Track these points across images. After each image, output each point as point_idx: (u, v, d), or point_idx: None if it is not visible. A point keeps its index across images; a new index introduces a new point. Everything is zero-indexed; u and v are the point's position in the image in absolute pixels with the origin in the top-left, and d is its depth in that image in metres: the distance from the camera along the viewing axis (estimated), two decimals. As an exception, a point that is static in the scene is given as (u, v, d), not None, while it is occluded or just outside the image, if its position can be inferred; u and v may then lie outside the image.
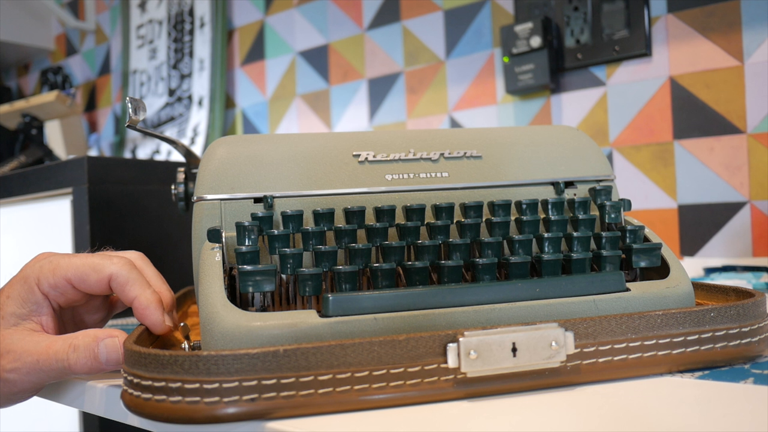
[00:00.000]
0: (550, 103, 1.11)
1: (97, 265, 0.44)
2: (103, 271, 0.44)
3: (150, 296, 0.43)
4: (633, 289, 0.41)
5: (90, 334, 0.42)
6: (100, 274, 0.44)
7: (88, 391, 0.44)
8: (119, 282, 0.44)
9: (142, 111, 0.50)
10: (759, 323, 0.39)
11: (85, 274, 0.44)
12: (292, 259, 0.41)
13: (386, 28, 1.34)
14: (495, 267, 0.42)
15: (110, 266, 0.44)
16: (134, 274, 0.44)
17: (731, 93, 0.94)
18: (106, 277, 0.44)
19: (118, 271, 0.44)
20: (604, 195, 0.50)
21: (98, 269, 0.44)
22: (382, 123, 1.34)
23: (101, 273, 0.44)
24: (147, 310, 0.43)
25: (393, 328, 0.37)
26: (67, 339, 0.42)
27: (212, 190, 0.46)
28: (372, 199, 0.48)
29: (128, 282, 0.44)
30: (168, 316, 0.44)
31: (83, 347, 0.41)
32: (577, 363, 0.36)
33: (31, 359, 0.41)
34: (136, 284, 0.44)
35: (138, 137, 1.82)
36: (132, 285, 0.44)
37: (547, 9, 1.10)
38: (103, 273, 0.44)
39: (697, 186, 0.97)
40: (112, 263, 0.44)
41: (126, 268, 0.44)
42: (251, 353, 0.33)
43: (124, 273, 0.44)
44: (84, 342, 0.42)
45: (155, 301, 0.43)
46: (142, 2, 1.86)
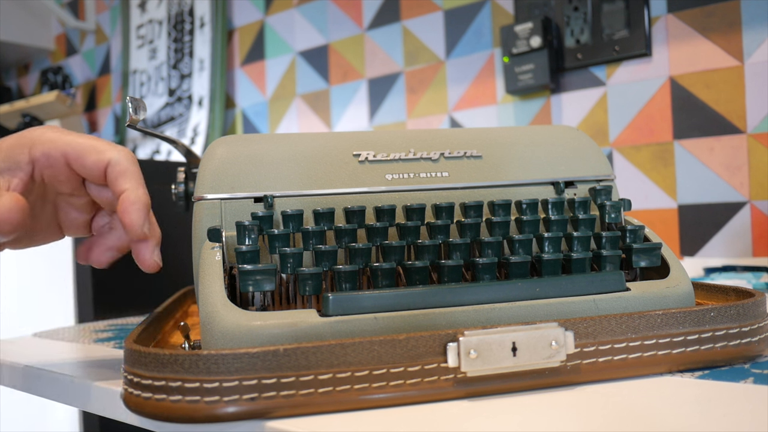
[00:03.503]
0: (550, 103, 1.11)
1: (98, 146, 0.42)
2: (104, 153, 0.41)
3: (142, 195, 0.41)
4: (633, 289, 0.41)
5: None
6: (100, 155, 0.41)
7: (88, 391, 0.44)
8: (117, 170, 0.41)
9: (143, 111, 0.50)
10: (759, 323, 0.39)
11: (85, 152, 0.41)
12: (292, 258, 0.41)
13: (386, 28, 1.34)
14: (495, 267, 0.42)
15: (112, 151, 0.42)
16: (133, 167, 0.42)
17: (731, 93, 0.94)
18: (105, 159, 0.41)
19: (119, 157, 0.41)
20: (604, 195, 0.50)
21: (99, 150, 0.42)
22: (382, 123, 1.34)
23: (101, 155, 0.41)
24: (133, 206, 0.40)
25: (393, 328, 0.37)
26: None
27: (212, 190, 0.46)
28: (372, 198, 0.48)
29: (126, 172, 0.41)
30: (151, 229, 0.42)
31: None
32: (577, 362, 0.36)
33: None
34: (133, 178, 0.41)
35: (138, 137, 1.82)
36: (129, 177, 0.41)
37: (547, 9, 1.10)
38: (103, 155, 0.41)
39: (697, 186, 0.97)
40: (115, 149, 0.42)
41: (128, 159, 0.42)
42: (251, 352, 0.33)
43: (125, 162, 0.41)
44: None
45: (144, 201, 0.41)
46: (142, 2, 1.86)
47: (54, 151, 0.42)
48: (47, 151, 0.42)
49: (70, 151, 0.42)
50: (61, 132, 0.42)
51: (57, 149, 0.42)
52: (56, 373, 0.46)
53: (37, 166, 0.42)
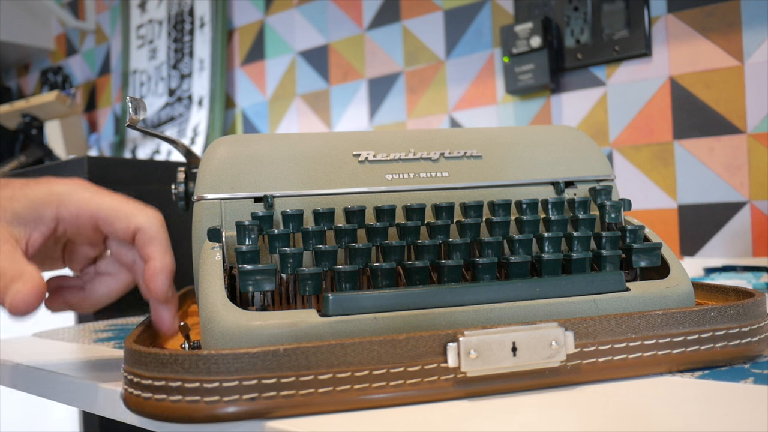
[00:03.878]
0: (550, 103, 1.11)
1: (128, 211, 0.42)
2: (134, 219, 0.42)
3: (168, 263, 0.41)
4: (633, 289, 0.41)
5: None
6: (130, 221, 0.42)
7: (88, 391, 0.44)
8: (146, 237, 0.41)
9: (143, 110, 0.50)
10: (759, 323, 0.39)
11: (115, 217, 0.42)
12: (292, 258, 0.41)
13: (386, 28, 1.34)
14: (495, 267, 0.42)
15: (141, 216, 0.42)
16: (162, 233, 0.42)
17: (731, 93, 0.94)
18: (134, 226, 0.42)
19: (150, 225, 0.42)
20: (604, 195, 0.50)
21: (129, 216, 0.42)
22: (382, 123, 1.34)
23: (131, 221, 0.42)
24: (160, 275, 0.41)
25: (393, 328, 0.37)
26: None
27: (212, 190, 0.46)
28: (372, 198, 0.48)
29: (155, 240, 0.41)
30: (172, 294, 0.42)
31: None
32: (577, 362, 0.36)
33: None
34: (161, 245, 0.42)
35: (138, 137, 1.82)
36: (158, 244, 0.41)
37: (547, 9, 1.10)
38: (133, 221, 0.42)
39: (697, 186, 0.97)
40: (145, 215, 0.42)
41: (157, 225, 0.42)
42: (251, 352, 0.33)
43: (155, 229, 0.42)
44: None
45: (170, 269, 0.41)
46: (142, 2, 1.86)
47: (83, 214, 0.42)
48: (75, 213, 0.42)
49: (100, 215, 0.42)
50: (91, 192, 0.43)
51: (86, 212, 0.42)
52: (56, 373, 0.46)
53: (62, 224, 0.42)
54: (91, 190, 0.43)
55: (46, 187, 0.42)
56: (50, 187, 0.42)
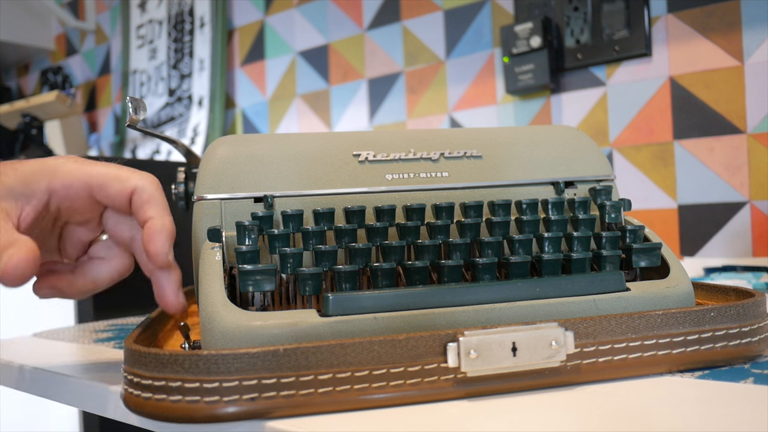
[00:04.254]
0: (550, 103, 1.11)
1: (121, 175, 0.40)
2: (128, 181, 0.40)
3: (168, 223, 0.40)
4: (633, 289, 0.41)
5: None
6: (124, 183, 0.40)
7: (88, 391, 0.44)
8: (143, 197, 0.40)
9: (143, 110, 0.50)
10: (759, 323, 0.39)
11: (108, 181, 0.40)
12: (292, 258, 0.41)
13: (386, 28, 1.34)
14: (495, 267, 0.42)
15: (137, 179, 0.41)
16: (159, 194, 0.41)
17: (731, 93, 0.94)
18: (129, 187, 0.40)
19: (144, 184, 0.40)
20: (604, 195, 0.50)
21: (122, 178, 0.40)
22: (382, 123, 1.34)
23: (125, 183, 0.40)
24: (158, 235, 0.39)
25: (393, 328, 0.37)
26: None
27: (212, 190, 0.46)
28: (372, 198, 0.48)
29: (152, 200, 0.40)
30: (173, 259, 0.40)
31: None
32: (577, 362, 0.36)
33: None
34: (159, 205, 0.40)
35: (138, 137, 1.82)
36: (155, 204, 0.40)
37: (547, 9, 1.10)
38: (127, 183, 0.40)
39: (697, 186, 0.97)
40: (139, 176, 0.41)
41: (152, 185, 0.41)
42: (251, 352, 0.33)
43: (150, 189, 0.40)
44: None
45: (170, 229, 0.40)
46: (142, 2, 1.86)
47: (76, 183, 0.41)
48: (68, 183, 0.40)
49: (93, 182, 0.41)
50: (82, 162, 0.41)
51: (79, 180, 0.41)
52: (56, 373, 0.46)
53: (55, 197, 0.41)
54: (81, 161, 0.41)
55: (37, 161, 0.41)
56: (43, 160, 0.41)
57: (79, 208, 0.42)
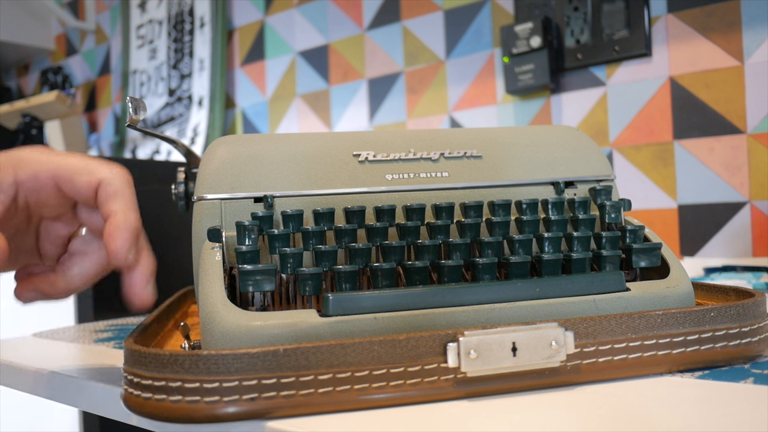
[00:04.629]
0: (550, 103, 1.11)
1: (89, 166, 0.39)
2: (95, 173, 0.39)
3: (132, 220, 0.38)
4: (633, 289, 0.41)
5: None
6: (91, 175, 0.39)
7: (88, 391, 0.44)
8: (108, 190, 0.38)
9: (143, 110, 0.50)
10: (759, 323, 0.39)
11: (75, 172, 0.39)
12: (292, 258, 0.41)
13: (386, 28, 1.34)
14: (495, 267, 0.42)
15: (104, 170, 0.39)
16: (126, 189, 0.39)
17: (731, 93, 0.94)
18: (96, 179, 0.39)
19: (111, 177, 0.39)
20: (604, 195, 0.50)
21: (90, 170, 0.39)
22: (382, 123, 1.34)
23: (92, 174, 0.39)
24: (119, 232, 0.37)
25: (393, 328, 0.37)
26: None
27: (212, 190, 0.46)
28: (372, 198, 0.48)
29: (117, 193, 0.38)
30: (137, 256, 0.38)
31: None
32: (577, 363, 0.36)
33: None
34: (124, 200, 0.38)
35: (138, 137, 1.82)
36: (120, 198, 0.38)
37: (547, 9, 1.10)
38: (94, 175, 0.39)
39: (697, 186, 0.97)
40: (107, 168, 0.39)
41: (121, 179, 0.39)
42: (251, 353, 0.33)
43: (118, 183, 0.39)
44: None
45: (134, 227, 0.38)
46: (142, 2, 1.86)
47: (42, 173, 0.39)
48: (35, 173, 0.39)
49: (60, 173, 0.39)
50: (50, 152, 0.40)
51: (46, 171, 0.39)
52: (56, 373, 0.46)
53: (22, 189, 0.39)
54: (48, 151, 0.40)
55: (2, 154, 0.39)
56: (7, 153, 0.40)
57: (48, 201, 0.40)
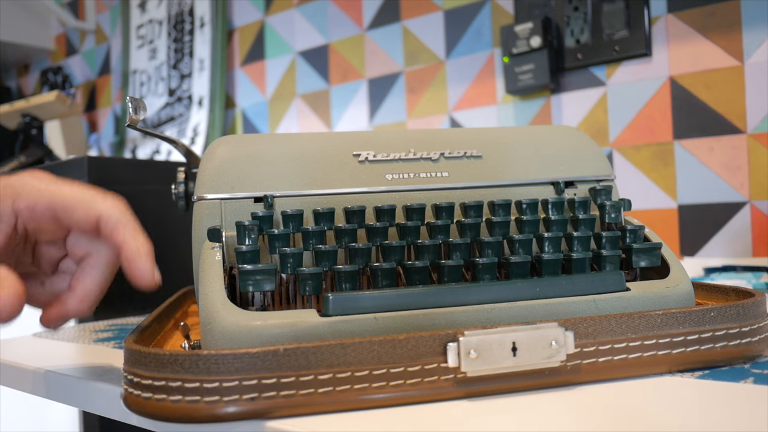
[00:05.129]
0: (550, 103, 1.11)
1: (87, 200, 0.39)
2: (93, 207, 0.39)
3: (141, 244, 0.39)
4: (633, 289, 0.41)
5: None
6: (89, 209, 0.39)
7: (88, 391, 0.44)
8: (109, 224, 0.39)
9: (143, 110, 0.50)
10: (759, 323, 0.39)
11: (73, 205, 0.39)
12: (292, 258, 0.41)
13: (386, 28, 1.34)
14: (495, 267, 0.42)
15: (102, 204, 0.39)
16: (126, 217, 0.40)
17: (731, 93, 0.94)
18: (95, 214, 0.39)
19: (110, 211, 0.39)
20: (604, 195, 0.50)
21: (88, 204, 0.39)
22: (382, 123, 1.34)
23: (90, 209, 0.39)
24: (138, 259, 0.38)
25: (393, 328, 0.37)
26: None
27: (212, 190, 0.46)
28: (372, 198, 0.48)
29: (119, 225, 0.39)
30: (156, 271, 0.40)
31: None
32: (577, 362, 0.36)
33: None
34: (127, 228, 0.39)
35: (138, 137, 1.82)
36: (123, 228, 0.39)
37: (547, 9, 1.10)
38: (92, 209, 0.39)
39: (697, 186, 0.97)
40: (104, 200, 0.40)
41: (119, 209, 0.40)
42: (251, 352, 0.33)
43: (117, 214, 0.39)
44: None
45: (146, 249, 0.39)
46: (142, 2, 1.86)
47: (40, 204, 0.39)
48: (32, 204, 0.39)
49: (57, 204, 0.39)
50: (47, 182, 0.40)
51: (43, 201, 0.39)
52: (56, 373, 0.46)
53: (21, 218, 0.40)
54: (47, 180, 0.40)
55: (1, 180, 0.40)
56: (6, 180, 0.40)
57: (45, 228, 0.41)
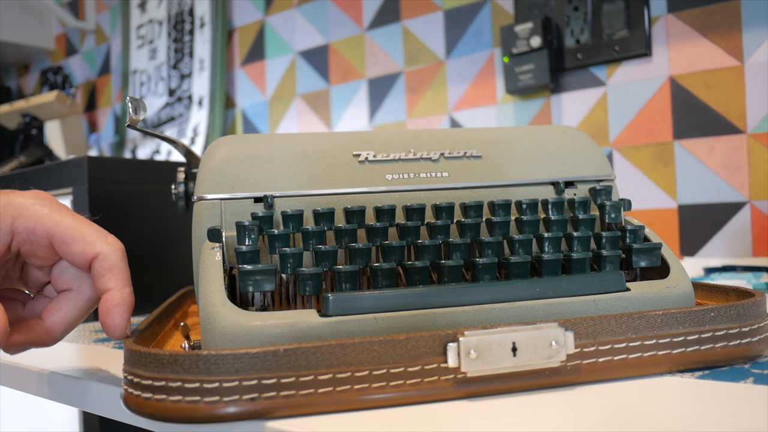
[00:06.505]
0: (550, 103, 1.11)
1: (87, 236, 0.39)
2: (92, 246, 0.39)
3: (127, 296, 0.39)
4: (633, 289, 0.41)
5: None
6: (88, 247, 0.39)
7: (88, 391, 0.44)
8: (104, 265, 0.39)
9: (143, 111, 0.50)
10: (759, 323, 0.39)
11: (72, 239, 0.39)
12: (292, 258, 0.41)
13: (386, 28, 1.34)
14: (495, 267, 0.42)
15: (102, 244, 0.39)
16: (122, 264, 0.39)
17: (731, 93, 0.94)
18: (92, 252, 0.39)
19: (108, 253, 0.39)
20: (604, 195, 0.50)
21: (87, 241, 0.39)
22: (382, 123, 1.34)
23: (89, 246, 0.39)
24: (117, 309, 0.38)
25: (393, 328, 0.37)
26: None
27: (212, 190, 0.46)
28: (372, 198, 0.48)
29: (113, 269, 0.39)
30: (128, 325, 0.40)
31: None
32: (577, 363, 0.36)
33: None
34: (119, 276, 0.39)
35: (138, 137, 1.82)
36: (116, 275, 0.39)
37: (547, 9, 1.10)
38: (91, 247, 0.39)
39: (697, 186, 0.97)
40: (106, 241, 0.39)
41: (117, 254, 0.39)
42: (251, 353, 0.33)
43: (114, 258, 0.39)
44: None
45: (129, 302, 0.39)
46: (142, 2, 1.86)
47: (39, 229, 0.39)
48: (31, 228, 0.39)
49: (56, 234, 0.39)
50: (51, 207, 0.40)
51: (43, 228, 0.39)
52: (56, 373, 0.46)
53: (17, 239, 0.39)
54: (51, 206, 0.40)
55: (3, 197, 0.39)
56: (7, 198, 0.39)
57: (39, 254, 0.41)
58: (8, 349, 0.41)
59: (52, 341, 0.42)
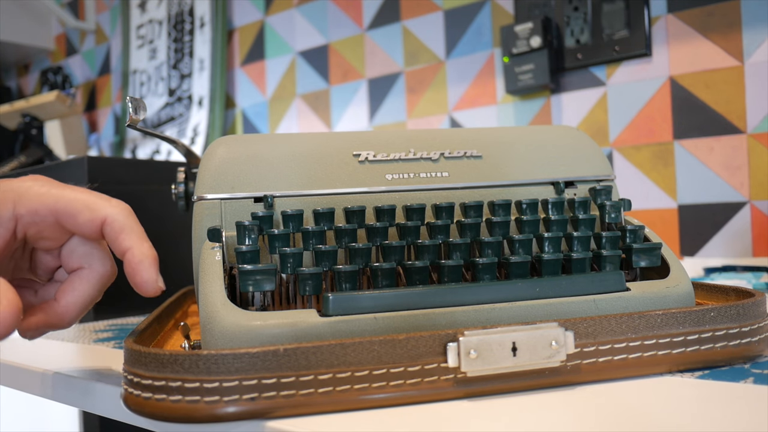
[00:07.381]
0: (550, 103, 1.11)
1: (91, 203, 0.38)
2: (98, 211, 0.38)
3: (147, 250, 0.38)
4: (633, 289, 0.41)
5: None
6: (94, 213, 0.38)
7: (88, 391, 0.44)
8: (114, 228, 0.38)
9: (143, 110, 0.50)
10: (759, 323, 0.39)
11: (77, 209, 0.38)
12: (292, 258, 0.41)
13: (386, 28, 1.34)
14: (495, 266, 0.42)
15: (107, 207, 0.38)
16: (132, 222, 0.39)
17: (731, 93, 0.94)
18: (100, 218, 0.38)
19: (115, 214, 0.38)
20: (604, 195, 0.50)
21: (92, 207, 0.38)
22: (382, 123, 1.34)
23: (95, 212, 0.38)
24: (141, 265, 0.38)
25: (393, 328, 0.37)
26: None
27: (212, 190, 0.46)
28: (372, 198, 0.48)
29: (124, 229, 0.38)
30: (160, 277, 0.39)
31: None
32: (577, 362, 0.36)
33: None
34: (133, 233, 0.38)
35: (138, 137, 1.83)
36: (129, 233, 0.38)
37: (547, 9, 1.10)
38: (97, 213, 0.38)
39: (697, 186, 0.97)
40: (110, 204, 0.38)
41: (124, 214, 0.39)
42: (251, 352, 0.33)
43: (122, 218, 0.38)
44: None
45: (152, 256, 0.38)
46: (142, 2, 1.86)
47: (42, 208, 0.38)
48: (34, 208, 0.38)
49: (60, 208, 0.38)
50: (50, 185, 0.39)
51: (46, 205, 0.38)
52: (56, 373, 0.46)
53: (21, 223, 0.39)
54: (49, 184, 0.39)
55: (2, 184, 0.39)
56: (7, 184, 0.39)
57: (47, 235, 0.40)
58: (25, 334, 0.40)
59: (68, 322, 0.41)
